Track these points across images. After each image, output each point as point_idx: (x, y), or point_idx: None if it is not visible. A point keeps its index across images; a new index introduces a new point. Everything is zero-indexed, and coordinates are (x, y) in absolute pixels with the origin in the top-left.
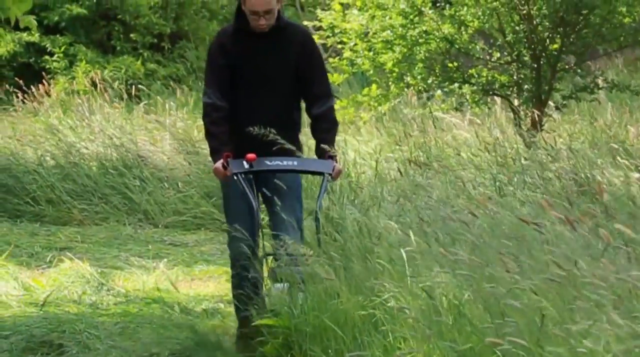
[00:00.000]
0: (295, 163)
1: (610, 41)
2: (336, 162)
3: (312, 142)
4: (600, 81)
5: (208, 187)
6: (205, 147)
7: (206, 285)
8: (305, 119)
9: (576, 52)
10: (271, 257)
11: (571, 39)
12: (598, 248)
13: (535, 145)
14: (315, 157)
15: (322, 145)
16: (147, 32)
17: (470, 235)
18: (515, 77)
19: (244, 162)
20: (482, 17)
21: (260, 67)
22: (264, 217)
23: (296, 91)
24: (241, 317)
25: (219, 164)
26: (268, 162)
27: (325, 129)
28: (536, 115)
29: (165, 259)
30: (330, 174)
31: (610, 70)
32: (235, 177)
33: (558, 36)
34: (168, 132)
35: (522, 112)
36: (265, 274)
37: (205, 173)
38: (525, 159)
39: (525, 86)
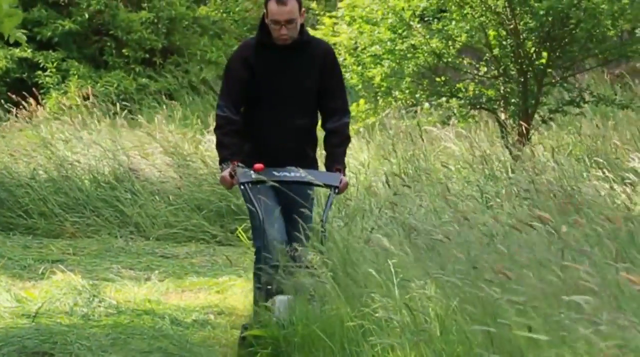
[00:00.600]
0: (303, 174)
1: (595, 55)
2: (344, 175)
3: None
4: (586, 95)
5: (198, 200)
6: (195, 160)
7: (196, 296)
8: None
9: (562, 67)
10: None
11: (557, 54)
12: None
13: (522, 159)
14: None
15: (331, 158)
16: (139, 48)
17: (456, 247)
18: (502, 91)
19: (252, 172)
20: (469, 31)
21: (282, 81)
22: None
23: (316, 106)
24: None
25: (225, 173)
26: (275, 173)
27: (337, 143)
28: (523, 129)
29: (156, 271)
30: (337, 187)
31: (600, 85)
32: (242, 187)
33: (544, 51)
34: (159, 146)
35: (509, 126)
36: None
37: (195, 186)
38: (512, 171)
39: (512, 100)
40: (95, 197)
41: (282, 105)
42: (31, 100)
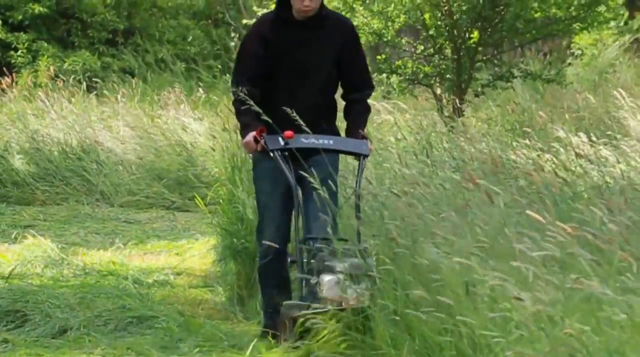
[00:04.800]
0: (332, 142)
1: (523, 34)
2: (371, 142)
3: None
4: (515, 71)
5: (159, 170)
6: (155, 133)
7: (157, 258)
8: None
9: (493, 45)
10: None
11: (488, 33)
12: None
13: (456, 130)
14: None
15: (355, 125)
16: (103, 29)
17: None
18: (437, 68)
19: (280, 139)
20: (407, 12)
21: (302, 57)
22: None
23: (335, 79)
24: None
25: (249, 137)
26: (304, 140)
27: (359, 111)
28: (457, 102)
29: (120, 235)
30: (366, 156)
31: (531, 60)
32: (272, 154)
33: (476, 30)
34: (122, 120)
35: (444, 100)
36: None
37: (156, 156)
38: (447, 142)
39: (447, 76)
40: (64, 167)
41: (300, 80)
42: (5, 78)
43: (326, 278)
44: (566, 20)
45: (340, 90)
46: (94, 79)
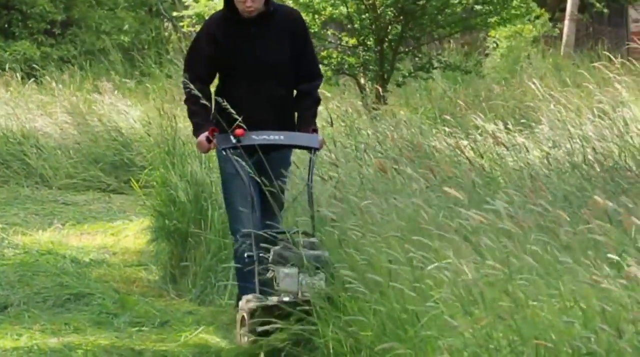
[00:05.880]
0: (282, 137)
1: (443, 27)
2: (318, 134)
3: None
4: (434, 62)
5: (95, 154)
6: (92, 119)
7: (94, 239)
8: None
9: (414, 37)
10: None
11: (410, 26)
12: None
13: (378, 118)
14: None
15: (305, 120)
16: (41, 19)
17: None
18: (361, 59)
19: (231, 137)
20: (333, 5)
21: (254, 54)
22: None
23: (291, 75)
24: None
25: (202, 137)
26: (255, 137)
27: (308, 105)
28: (380, 92)
29: (58, 217)
30: (317, 149)
31: (450, 52)
32: (224, 153)
33: (399, 23)
34: (61, 106)
35: (367, 89)
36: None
37: (92, 141)
38: (370, 129)
39: (370, 67)
40: (5, 151)
41: (256, 77)
42: None
43: (282, 270)
44: (484, 14)
45: None
46: (34, 66)
